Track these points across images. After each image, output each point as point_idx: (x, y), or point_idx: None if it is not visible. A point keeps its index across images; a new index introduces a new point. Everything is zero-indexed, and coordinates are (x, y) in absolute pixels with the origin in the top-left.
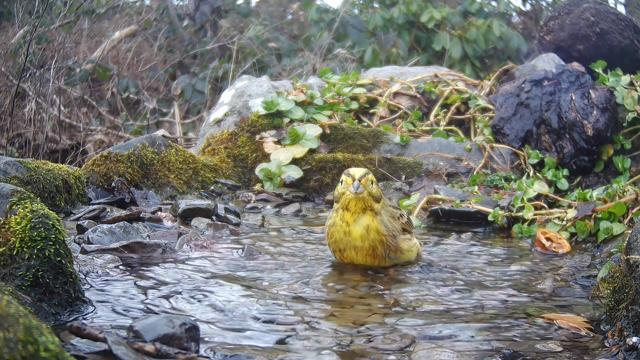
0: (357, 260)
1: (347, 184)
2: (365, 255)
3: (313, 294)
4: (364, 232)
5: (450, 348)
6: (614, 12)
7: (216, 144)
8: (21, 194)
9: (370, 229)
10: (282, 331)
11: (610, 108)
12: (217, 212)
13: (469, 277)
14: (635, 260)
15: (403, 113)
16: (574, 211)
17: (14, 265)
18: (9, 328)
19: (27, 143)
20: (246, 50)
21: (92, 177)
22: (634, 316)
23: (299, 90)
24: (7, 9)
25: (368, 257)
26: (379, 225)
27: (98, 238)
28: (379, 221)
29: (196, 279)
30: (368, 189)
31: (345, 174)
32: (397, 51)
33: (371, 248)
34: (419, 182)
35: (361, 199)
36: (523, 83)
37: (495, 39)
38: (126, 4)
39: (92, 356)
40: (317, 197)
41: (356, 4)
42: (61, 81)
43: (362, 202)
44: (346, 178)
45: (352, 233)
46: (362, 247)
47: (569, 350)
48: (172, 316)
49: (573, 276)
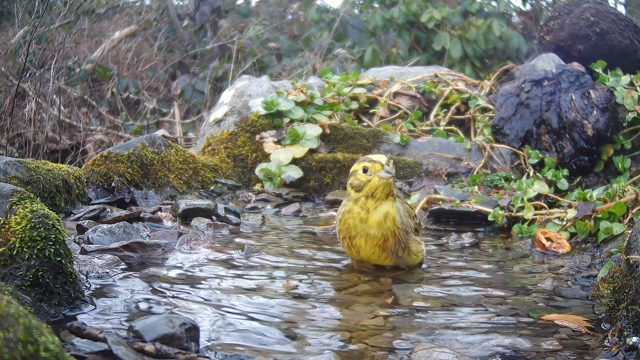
0: (365, 252)
1: (375, 169)
2: (374, 245)
3: (313, 293)
4: (381, 219)
5: (450, 348)
6: (614, 12)
7: (216, 144)
8: (21, 194)
9: (389, 216)
10: (282, 331)
11: (610, 108)
12: (217, 212)
13: (469, 277)
14: (635, 260)
15: (403, 113)
16: (574, 211)
17: (14, 265)
18: (9, 328)
19: (27, 143)
20: (246, 50)
21: (92, 177)
22: (634, 316)
23: (299, 90)
24: (7, 9)
25: (377, 247)
26: (396, 215)
27: (98, 238)
28: (396, 210)
29: (196, 278)
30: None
31: (369, 162)
32: (397, 51)
33: (383, 238)
34: (419, 182)
35: (388, 184)
36: (523, 83)
37: (495, 39)
38: (126, 4)
39: (92, 356)
40: (317, 197)
41: (356, 4)
42: (61, 81)
43: (388, 187)
44: (372, 165)
45: (369, 220)
46: (375, 236)
47: (569, 350)
48: (172, 316)
49: (573, 276)
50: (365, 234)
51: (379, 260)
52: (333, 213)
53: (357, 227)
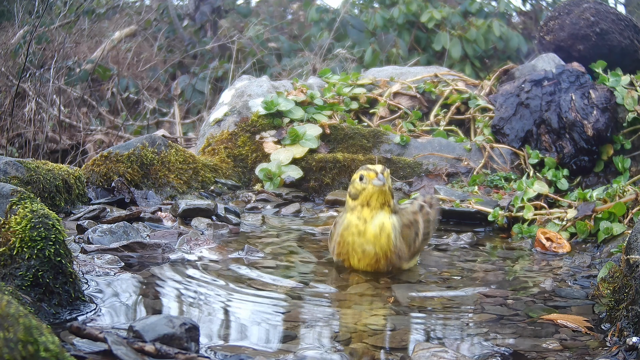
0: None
1: (370, 177)
2: (366, 264)
3: (313, 293)
4: (377, 232)
5: (450, 348)
6: (614, 12)
7: (216, 144)
8: (21, 194)
9: (384, 230)
10: (282, 331)
11: (610, 108)
12: (217, 212)
13: (469, 277)
14: (635, 260)
15: (403, 113)
16: (574, 211)
17: (14, 265)
18: (9, 328)
19: (27, 143)
20: (246, 50)
21: (92, 177)
22: (634, 316)
23: (299, 90)
24: (7, 9)
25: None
26: (391, 232)
27: (98, 238)
28: (392, 225)
29: (196, 278)
30: (389, 182)
31: (365, 170)
32: (397, 51)
33: (376, 258)
34: (419, 182)
35: (383, 193)
36: (523, 83)
37: (495, 39)
38: (126, 4)
39: (92, 356)
40: (317, 197)
41: (356, 4)
42: (61, 81)
43: (383, 195)
44: (367, 173)
45: (367, 233)
46: (369, 254)
47: (569, 350)
48: (172, 316)
49: (573, 276)
50: (361, 251)
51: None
52: (333, 213)
53: (355, 242)
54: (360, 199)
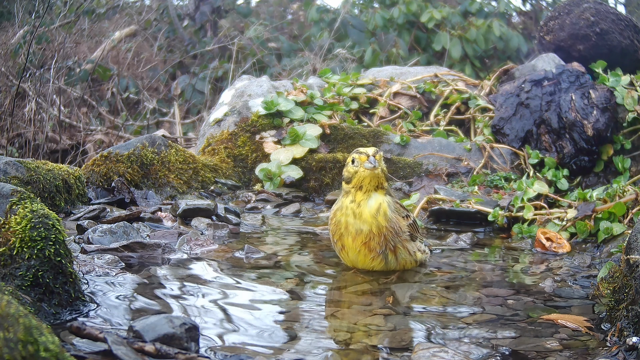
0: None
1: (361, 160)
2: (361, 243)
3: (313, 293)
4: (374, 212)
5: (450, 348)
6: (614, 12)
7: (216, 144)
8: (21, 194)
9: (380, 209)
10: (282, 331)
11: (610, 108)
12: (217, 212)
13: (469, 277)
14: (635, 260)
15: (403, 113)
16: (574, 211)
17: (14, 265)
18: (9, 328)
19: (27, 143)
20: (246, 50)
21: (92, 177)
22: (634, 316)
23: (299, 90)
24: (7, 9)
25: (363, 246)
26: (387, 209)
27: (98, 238)
28: (387, 204)
29: (196, 278)
30: (381, 165)
31: (356, 153)
32: (397, 51)
33: (370, 236)
34: (419, 182)
35: (375, 176)
36: (523, 83)
37: (495, 39)
38: (126, 4)
39: (92, 356)
40: (317, 197)
41: (356, 4)
42: (61, 81)
43: (376, 179)
44: (359, 156)
45: (363, 214)
46: (363, 232)
47: (569, 350)
48: (172, 316)
49: (573, 276)
50: (354, 230)
51: (367, 263)
52: None
53: (348, 223)
54: (353, 182)
